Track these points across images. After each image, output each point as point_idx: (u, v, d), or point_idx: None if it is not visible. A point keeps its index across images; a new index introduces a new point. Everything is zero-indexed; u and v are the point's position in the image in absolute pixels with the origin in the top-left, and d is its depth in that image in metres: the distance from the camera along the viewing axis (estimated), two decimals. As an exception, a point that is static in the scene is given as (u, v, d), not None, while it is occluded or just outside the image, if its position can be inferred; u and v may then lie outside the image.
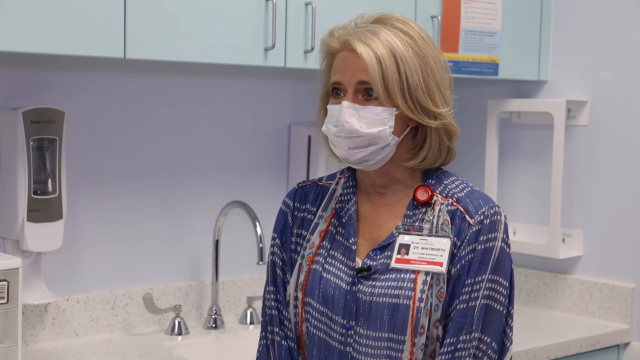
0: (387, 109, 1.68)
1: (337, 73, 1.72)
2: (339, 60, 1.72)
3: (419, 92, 1.69)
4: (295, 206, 1.85)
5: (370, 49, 1.67)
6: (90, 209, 2.61)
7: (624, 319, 2.94)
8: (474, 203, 1.73)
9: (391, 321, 1.69)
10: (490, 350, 1.70)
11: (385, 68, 1.66)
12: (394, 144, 1.71)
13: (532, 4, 3.08)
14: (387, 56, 1.67)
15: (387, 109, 1.68)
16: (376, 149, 1.70)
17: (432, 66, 1.71)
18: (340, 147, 1.71)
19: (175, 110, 2.77)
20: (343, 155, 1.72)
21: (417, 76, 1.68)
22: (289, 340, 1.80)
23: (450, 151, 1.77)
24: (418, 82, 1.68)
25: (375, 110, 1.68)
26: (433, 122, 1.71)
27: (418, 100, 1.69)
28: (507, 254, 1.72)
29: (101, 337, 2.61)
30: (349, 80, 1.70)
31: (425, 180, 1.77)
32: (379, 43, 1.67)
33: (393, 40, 1.68)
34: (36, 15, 2.06)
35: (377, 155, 1.71)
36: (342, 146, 1.71)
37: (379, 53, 1.67)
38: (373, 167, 1.74)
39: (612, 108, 2.99)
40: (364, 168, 1.75)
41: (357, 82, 1.69)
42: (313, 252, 1.79)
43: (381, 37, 1.68)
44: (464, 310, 1.68)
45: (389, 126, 1.69)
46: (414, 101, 1.69)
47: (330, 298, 1.74)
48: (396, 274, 1.70)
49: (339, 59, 1.72)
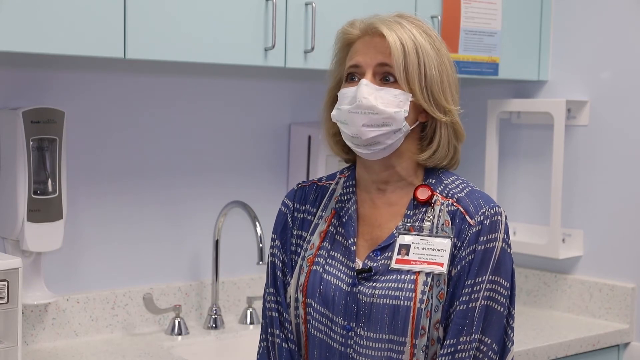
0: (404, 93, 1.70)
1: (355, 57, 1.73)
2: (359, 45, 1.74)
3: (434, 85, 1.71)
4: (295, 207, 1.84)
5: (395, 34, 1.70)
6: (90, 209, 2.61)
7: (624, 319, 2.94)
8: (474, 203, 1.72)
9: (392, 323, 1.68)
10: (490, 351, 1.69)
11: (408, 53, 1.69)
12: (405, 130, 1.71)
13: (532, 4, 3.07)
14: (411, 44, 1.70)
15: (404, 93, 1.70)
16: (389, 130, 1.69)
17: (447, 65, 1.74)
18: (354, 124, 1.70)
19: (175, 110, 2.77)
20: (355, 133, 1.70)
21: (434, 69, 1.71)
22: (289, 343, 1.78)
23: (456, 152, 1.78)
24: (435, 75, 1.71)
25: (393, 92, 1.69)
26: (443, 117, 1.72)
27: (432, 92, 1.71)
28: (507, 254, 1.72)
29: (101, 337, 2.61)
30: (368, 62, 1.71)
31: (426, 179, 1.77)
32: (402, 31, 1.71)
33: (415, 32, 1.72)
34: (36, 15, 2.06)
35: (388, 139, 1.70)
36: (356, 123, 1.69)
37: (403, 39, 1.70)
38: (380, 153, 1.72)
39: (612, 108, 2.99)
40: (371, 154, 1.72)
41: (377, 64, 1.70)
42: (313, 253, 1.78)
43: (404, 27, 1.72)
44: (464, 311, 1.67)
45: (404, 110, 1.69)
46: (428, 92, 1.71)
47: (331, 299, 1.73)
48: (396, 275, 1.70)
49: (359, 44, 1.74)
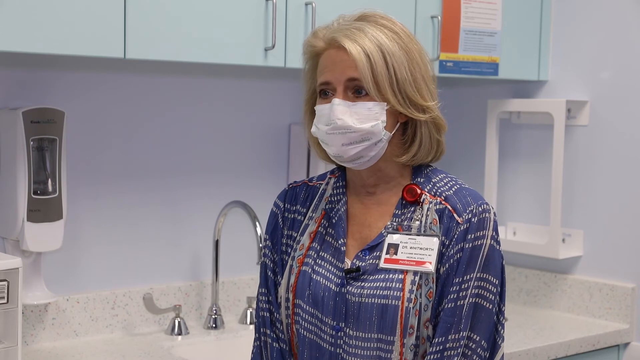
0: (378, 103, 1.67)
1: (324, 73, 1.70)
2: (326, 60, 1.71)
3: (407, 86, 1.68)
4: (286, 207, 1.84)
5: (358, 45, 1.66)
6: (90, 209, 2.61)
7: (624, 319, 2.94)
8: (462, 201, 1.71)
9: (380, 322, 1.67)
10: (479, 348, 1.69)
11: (374, 63, 1.66)
12: (386, 139, 1.70)
13: (532, 4, 3.07)
14: (375, 51, 1.66)
15: (378, 104, 1.67)
16: (369, 144, 1.68)
17: (418, 60, 1.71)
18: (334, 145, 1.69)
19: (175, 110, 2.77)
20: (336, 153, 1.70)
21: (404, 70, 1.68)
22: (280, 342, 1.79)
23: (439, 145, 1.76)
24: (406, 76, 1.68)
25: (367, 106, 1.67)
26: (422, 116, 1.70)
27: (407, 94, 1.69)
28: (497, 251, 1.71)
29: (101, 337, 2.61)
30: (337, 78, 1.68)
31: (415, 179, 1.76)
32: (365, 39, 1.67)
33: (379, 36, 1.68)
34: (36, 15, 2.06)
35: (371, 152, 1.69)
36: (335, 143, 1.69)
37: (367, 48, 1.66)
38: (366, 164, 1.72)
39: (612, 108, 2.99)
40: (357, 166, 1.73)
41: (347, 80, 1.68)
42: (303, 254, 1.78)
43: (367, 33, 1.68)
44: (452, 309, 1.67)
45: (382, 121, 1.67)
46: (402, 95, 1.68)
47: (320, 300, 1.72)
48: (385, 275, 1.69)
49: (325, 59, 1.71)
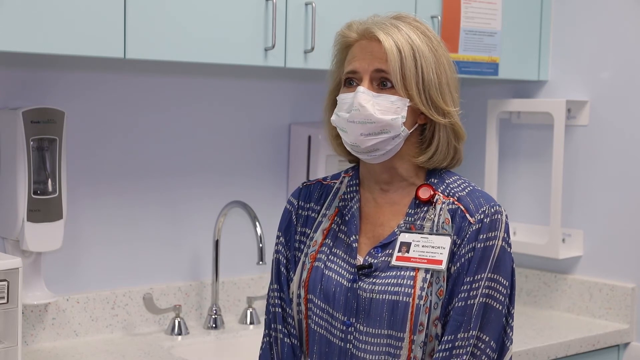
0: (401, 98, 1.70)
1: (353, 62, 1.73)
2: (356, 49, 1.74)
3: (432, 88, 1.71)
4: (300, 205, 1.86)
5: (392, 39, 1.70)
6: (90, 209, 2.61)
7: (624, 319, 2.94)
8: (474, 202, 1.73)
9: (390, 318, 1.69)
10: (488, 349, 1.70)
11: (405, 58, 1.69)
12: (403, 135, 1.72)
13: (532, 4, 3.07)
14: (407, 48, 1.70)
15: (401, 99, 1.70)
16: (387, 137, 1.70)
17: (445, 66, 1.74)
18: (352, 133, 1.71)
19: (175, 110, 2.77)
20: (353, 142, 1.72)
21: (432, 72, 1.71)
22: (292, 338, 1.80)
23: (457, 152, 1.79)
24: (432, 78, 1.71)
25: (390, 99, 1.70)
26: (442, 120, 1.73)
27: (430, 95, 1.71)
28: (507, 253, 1.73)
29: (101, 337, 2.61)
30: (365, 68, 1.71)
31: (428, 179, 1.78)
32: (399, 34, 1.70)
33: (412, 35, 1.71)
34: (36, 15, 2.06)
35: (387, 145, 1.71)
36: (354, 132, 1.71)
37: (399, 43, 1.69)
38: (381, 158, 1.74)
39: (612, 108, 2.99)
40: (371, 159, 1.74)
41: (374, 70, 1.70)
42: (316, 250, 1.80)
43: (401, 30, 1.71)
44: (462, 308, 1.68)
45: (402, 116, 1.70)
46: (426, 95, 1.71)
47: (332, 295, 1.74)
48: (396, 272, 1.71)
49: (356, 48, 1.74)
